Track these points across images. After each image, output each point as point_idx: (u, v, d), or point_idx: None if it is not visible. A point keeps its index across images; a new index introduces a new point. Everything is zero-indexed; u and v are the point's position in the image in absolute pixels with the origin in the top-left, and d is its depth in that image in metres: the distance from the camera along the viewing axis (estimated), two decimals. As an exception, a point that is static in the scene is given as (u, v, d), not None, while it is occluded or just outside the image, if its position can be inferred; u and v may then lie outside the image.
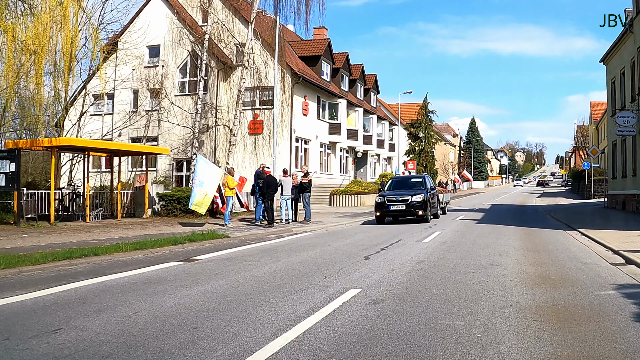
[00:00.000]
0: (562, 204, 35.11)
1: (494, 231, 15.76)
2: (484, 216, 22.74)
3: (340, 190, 32.14)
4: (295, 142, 34.13)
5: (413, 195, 19.37)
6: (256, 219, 19.10)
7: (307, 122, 35.32)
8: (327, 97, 38.17)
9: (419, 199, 19.25)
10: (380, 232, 16.15)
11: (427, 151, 53.38)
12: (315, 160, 36.58)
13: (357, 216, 23.58)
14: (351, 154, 42.56)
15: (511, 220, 20.47)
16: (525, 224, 18.61)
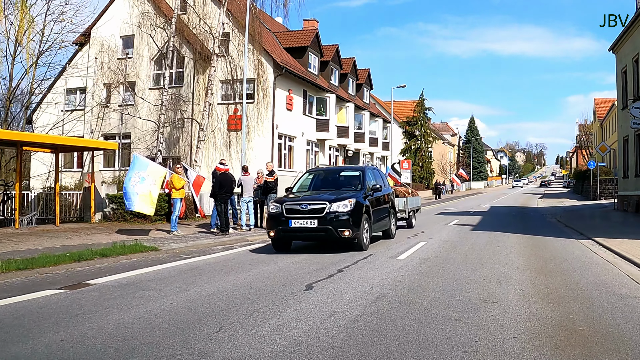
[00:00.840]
0: (567, 205, 32.10)
1: (492, 241, 12.79)
2: (481, 221, 19.78)
3: (326, 191, 29.21)
4: (279, 139, 31.20)
5: (334, 202, 10.71)
6: (211, 225, 16.17)
7: (291, 117, 32.39)
8: (315, 92, 35.23)
9: (345, 208, 10.64)
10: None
11: (423, 150, 50.39)
12: (301, 159, 33.65)
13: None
14: (342, 153, 39.61)
15: (512, 225, 17.51)
16: (529, 231, 15.63)
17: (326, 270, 8.42)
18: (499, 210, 27.87)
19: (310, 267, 8.88)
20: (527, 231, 15.59)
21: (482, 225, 17.65)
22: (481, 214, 24.53)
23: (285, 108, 31.83)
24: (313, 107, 35.33)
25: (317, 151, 36.07)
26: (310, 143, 35.02)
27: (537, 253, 10.65)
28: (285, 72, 30.78)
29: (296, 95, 32.96)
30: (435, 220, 20.04)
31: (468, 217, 21.82)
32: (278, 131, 30.92)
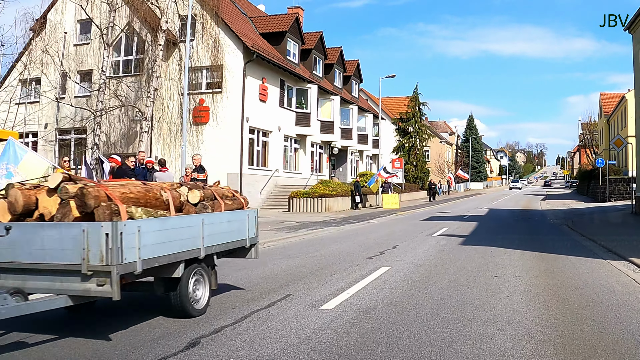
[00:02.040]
0: (575, 208, 28.00)
1: (488, 265, 8.79)
2: (476, 229, 15.77)
3: (302, 192, 25.22)
4: (250, 134, 27.25)
5: None
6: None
7: (266, 110, 28.44)
8: (294, 82, 31.26)
9: None
10: (262, 270, 9.13)
11: (417, 148, 46.32)
12: (278, 156, 29.69)
13: (302, 228, 16.59)
14: (326, 150, 35.62)
15: (515, 235, 13.51)
16: (538, 246, 11.59)
17: (181, 338, 4.44)
18: (499, 214, 23.83)
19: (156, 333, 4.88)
20: (536, 245, 11.55)
21: (476, 236, 13.63)
22: (477, 219, 20.49)
23: (258, 99, 27.90)
24: (292, 99, 31.38)
25: (297, 148, 32.10)
26: (289, 139, 31.05)
27: (558, 292, 6.63)
28: (257, 58, 26.84)
29: (271, 85, 29.03)
30: (419, 228, 16.04)
31: (460, 223, 17.78)
32: (249, 124, 26.99)
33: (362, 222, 19.56)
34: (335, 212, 24.99)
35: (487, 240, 12.32)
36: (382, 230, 15.80)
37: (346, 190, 27.25)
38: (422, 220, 19.69)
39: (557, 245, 11.64)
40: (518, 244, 11.61)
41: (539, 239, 13.00)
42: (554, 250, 10.67)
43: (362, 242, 12.52)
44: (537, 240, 12.67)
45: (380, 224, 18.78)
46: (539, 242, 12.24)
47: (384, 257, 9.70)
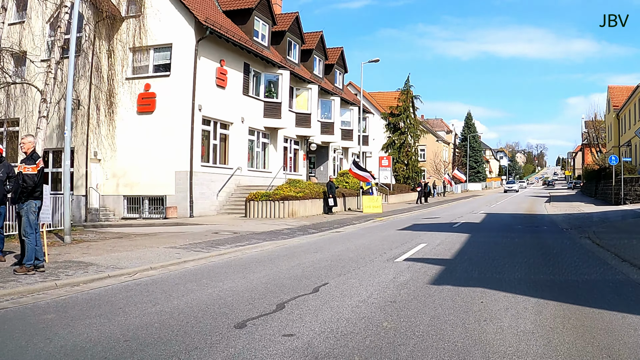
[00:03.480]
0: (587, 213, 23.27)
1: (474, 348, 4.11)
2: (465, 247, 11.03)
3: (261, 194, 20.57)
4: (204, 125, 22.66)
5: None
6: None
7: (225, 97, 23.86)
8: (262, 67, 26.67)
9: None
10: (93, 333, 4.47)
11: (409, 145, 41.59)
12: (241, 152, 25.09)
13: (232, 243, 11.89)
14: (303, 146, 30.99)
15: (521, 258, 8.88)
16: (561, 282, 6.90)
17: None
18: (497, 221, 19.15)
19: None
20: (558, 283, 6.86)
21: (462, 261, 8.91)
22: (470, 228, 15.79)
23: (215, 84, 23.30)
24: (260, 87, 26.77)
25: (266, 143, 27.47)
26: (256, 132, 26.42)
27: None
28: (213, 36, 22.26)
29: (233, 70, 24.43)
30: (386, 244, 11.37)
31: (446, 236, 13.07)
32: (202, 114, 22.40)
33: (323, 232, 14.95)
34: (300, 217, 20.35)
35: (477, 271, 7.68)
36: (334, 247, 11.15)
37: (317, 192, 22.60)
38: (399, 230, 15.03)
39: (592, 281, 6.96)
40: (528, 281, 6.93)
41: (560, 267, 8.32)
42: (591, 294, 6.04)
43: (284, 273, 7.88)
44: (557, 270, 7.99)
45: (343, 235, 14.14)
46: (562, 275, 7.57)
47: (275, 320, 5.04)
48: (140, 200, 22.65)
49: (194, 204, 21.68)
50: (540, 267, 8.13)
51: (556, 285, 6.75)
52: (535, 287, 6.51)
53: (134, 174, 22.50)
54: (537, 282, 6.86)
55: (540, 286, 6.56)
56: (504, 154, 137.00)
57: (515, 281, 6.87)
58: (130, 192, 22.72)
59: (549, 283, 6.83)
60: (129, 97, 22.68)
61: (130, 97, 22.70)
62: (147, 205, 22.64)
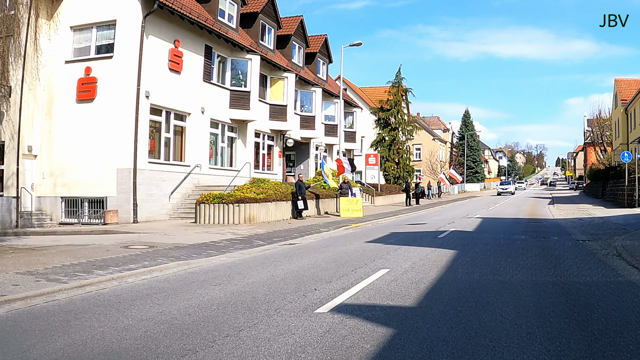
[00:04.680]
0: (600, 217, 19.81)
1: None
2: (445, 275, 7.24)
3: (213, 196, 17.10)
4: (153, 115, 19.26)
5: None
6: None
7: (181, 84, 20.44)
8: (228, 51, 23.27)
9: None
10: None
11: (400, 142, 38.08)
12: (202, 147, 21.67)
13: (133, 263, 8.45)
14: (278, 142, 27.54)
15: (535, 309, 5.44)
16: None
17: None
18: (495, 228, 15.68)
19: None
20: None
21: (430, 311, 5.17)
22: (459, 240, 12.28)
23: (168, 68, 19.88)
24: (226, 74, 23.36)
25: (233, 137, 24.04)
26: (220, 125, 23.00)
27: None
28: (163, 11, 18.86)
29: (191, 52, 21.01)
30: (332, 267, 7.91)
31: (423, 253, 9.56)
32: (150, 102, 18.98)
33: (272, 244, 11.55)
34: (259, 223, 16.92)
35: (456, 344, 4.21)
36: (256, 273, 7.68)
37: (284, 193, 19.13)
38: (368, 243, 11.57)
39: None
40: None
41: (595, 317, 4.86)
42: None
43: (99, 342, 4.44)
44: (596, 325, 4.53)
45: (290, 251, 10.69)
46: (602, 336, 4.12)
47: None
48: (79, 203, 19.22)
49: (139, 207, 18.26)
50: (557, 318, 4.71)
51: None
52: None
53: (73, 172, 19.11)
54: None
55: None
56: (503, 154, 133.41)
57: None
58: (68, 193, 19.31)
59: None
60: (69, 84, 19.34)
61: (70, 83, 19.36)
62: (87, 208, 19.22)
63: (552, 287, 6.44)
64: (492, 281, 6.65)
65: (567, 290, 6.30)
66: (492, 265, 8.02)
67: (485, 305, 5.47)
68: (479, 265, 7.90)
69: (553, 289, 6.33)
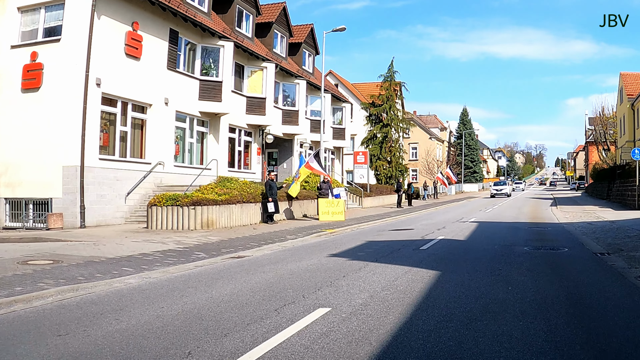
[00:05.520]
0: (612, 220, 17.53)
1: None
2: (411, 320, 5.21)
3: (167, 197, 14.77)
4: (106, 106, 16.97)
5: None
6: None
7: (140, 71, 18.14)
8: (198, 37, 21.00)
9: None
10: None
11: (393, 140, 35.78)
12: (165, 142, 19.38)
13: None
14: (257, 138, 25.26)
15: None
16: None
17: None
18: (492, 235, 13.38)
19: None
20: None
21: None
22: (444, 254, 9.91)
23: (125, 53, 17.57)
24: (195, 61, 21.08)
25: (204, 132, 21.75)
26: (188, 118, 20.72)
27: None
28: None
29: (153, 37, 18.71)
30: (255, 301, 5.56)
31: (391, 277, 7.13)
32: (103, 90, 16.69)
33: (220, 256, 9.32)
34: (219, 229, 14.61)
35: None
36: (151, 308, 5.42)
37: (252, 194, 16.82)
38: (331, 257, 9.29)
39: None
40: None
41: None
42: None
43: None
44: None
45: (234, 267, 8.41)
46: None
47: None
48: (24, 205, 16.92)
49: (88, 210, 16.00)
50: None
51: None
52: None
53: (17, 171, 16.85)
54: None
55: None
56: (502, 154, 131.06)
57: None
58: (12, 194, 17.05)
59: None
60: (14, 71, 17.09)
61: (15, 71, 17.10)
62: (32, 211, 16.91)
63: (581, 348, 4.02)
64: (483, 338, 4.31)
65: (592, 335, 4.00)
66: (484, 299, 5.71)
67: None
68: (464, 302, 5.57)
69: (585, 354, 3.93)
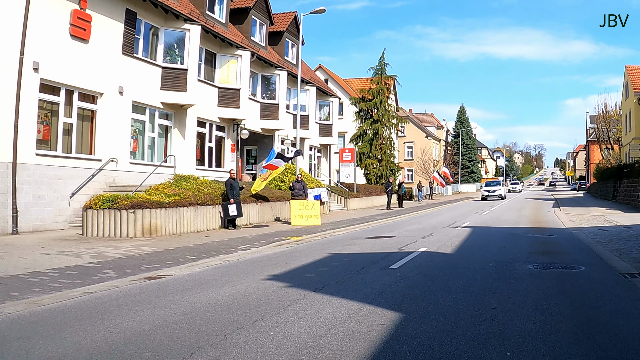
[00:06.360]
0: (627, 225, 15.36)
1: None
2: None
3: (104, 199, 12.57)
4: (46, 94, 14.76)
5: None
6: None
7: (88, 55, 15.93)
8: (159, 19, 18.82)
9: None
10: None
11: (384, 137, 33.60)
12: (120, 137, 17.18)
13: None
14: (231, 133, 23.08)
15: None
16: None
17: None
18: (487, 246, 11.20)
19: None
20: None
21: None
22: (419, 278, 7.52)
23: (69, 34, 15.36)
24: (157, 47, 18.90)
25: (167, 126, 19.58)
26: (147, 110, 18.52)
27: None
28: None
29: (105, 17, 16.49)
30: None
31: (325, 325, 4.54)
32: (42, 76, 14.49)
33: (129, 277, 7.27)
34: (166, 236, 12.43)
35: None
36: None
37: (210, 195, 14.61)
38: (268, 280, 7.15)
39: None
40: None
41: None
42: None
43: None
44: None
45: (132, 296, 6.23)
46: None
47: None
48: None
49: (22, 213, 13.83)
50: None
51: None
52: None
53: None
54: None
55: None
56: (501, 154, 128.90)
57: None
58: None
59: None
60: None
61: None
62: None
63: None
64: None
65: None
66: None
67: None
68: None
69: None
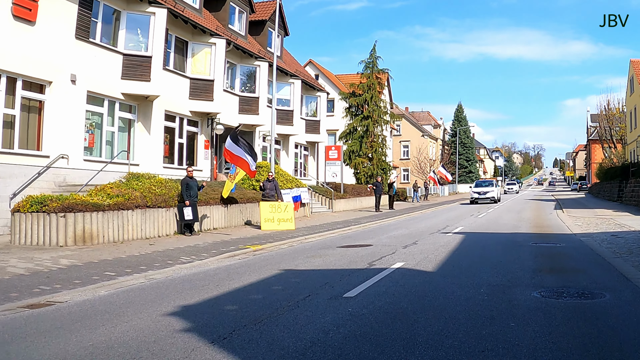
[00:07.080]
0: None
1: None
2: None
3: (33, 200, 10.82)
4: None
5: None
6: None
7: (35, 40, 14.17)
8: (120, 2, 17.07)
9: None
10: None
11: (375, 134, 31.83)
12: (73, 130, 15.41)
13: None
14: (205, 129, 21.31)
15: None
16: None
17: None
18: (479, 263, 9.43)
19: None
20: None
21: None
22: (377, 316, 5.25)
23: (11, 14, 13.58)
24: (118, 32, 17.14)
25: (130, 119, 17.81)
26: (105, 101, 16.74)
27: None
28: None
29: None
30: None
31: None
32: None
33: (7, 303, 5.32)
34: (104, 244, 10.70)
35: None
36: None
37: (163, 196, 12.83)
38: (168, 316, 5.49)
39: None
40: None
41: None
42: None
43: None
44: None
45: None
46: None
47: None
48: None
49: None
50: None
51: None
52: None
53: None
54: None
55: None
56: (500, 154, 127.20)
57: None
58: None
59: None
60: None
61: None
62: None
63: None
64: None
65: None
66: None
67: None
68: None
69: None
